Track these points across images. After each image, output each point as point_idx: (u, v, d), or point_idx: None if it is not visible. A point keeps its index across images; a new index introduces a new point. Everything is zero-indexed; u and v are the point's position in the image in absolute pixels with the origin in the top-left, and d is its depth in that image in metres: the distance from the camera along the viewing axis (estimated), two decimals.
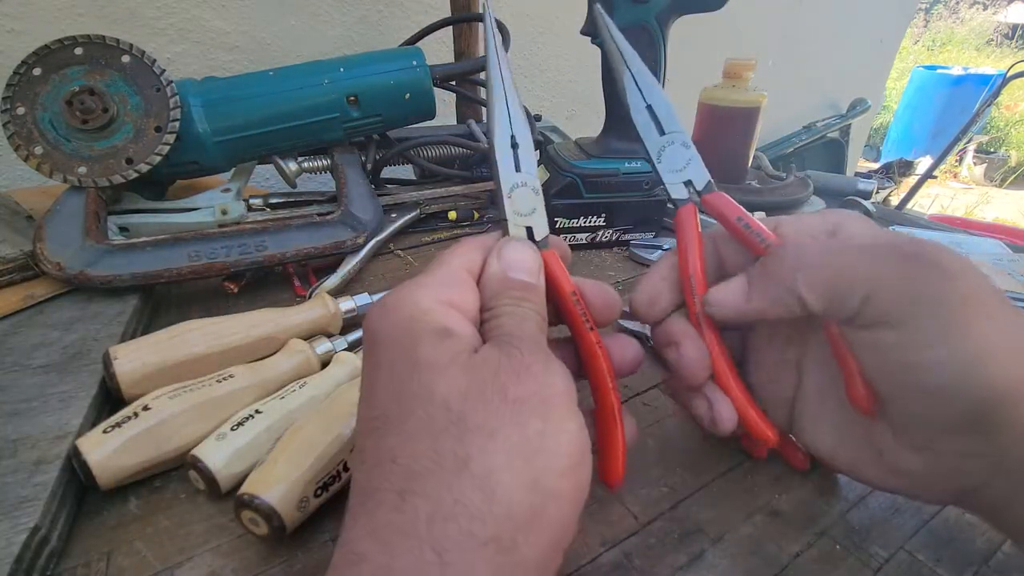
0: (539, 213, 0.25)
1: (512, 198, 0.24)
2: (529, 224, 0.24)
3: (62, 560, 0.25)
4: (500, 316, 0.21)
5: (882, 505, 0.29)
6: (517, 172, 0.25)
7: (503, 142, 0.25)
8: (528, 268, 0.23)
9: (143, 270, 0.41)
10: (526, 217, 0.24)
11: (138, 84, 0.45)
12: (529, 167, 0.25)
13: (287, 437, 0.27)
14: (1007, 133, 3.74)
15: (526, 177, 0.25)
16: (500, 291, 0.22)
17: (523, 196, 0.24)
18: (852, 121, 1.73)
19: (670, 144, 0.26)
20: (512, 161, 0.25)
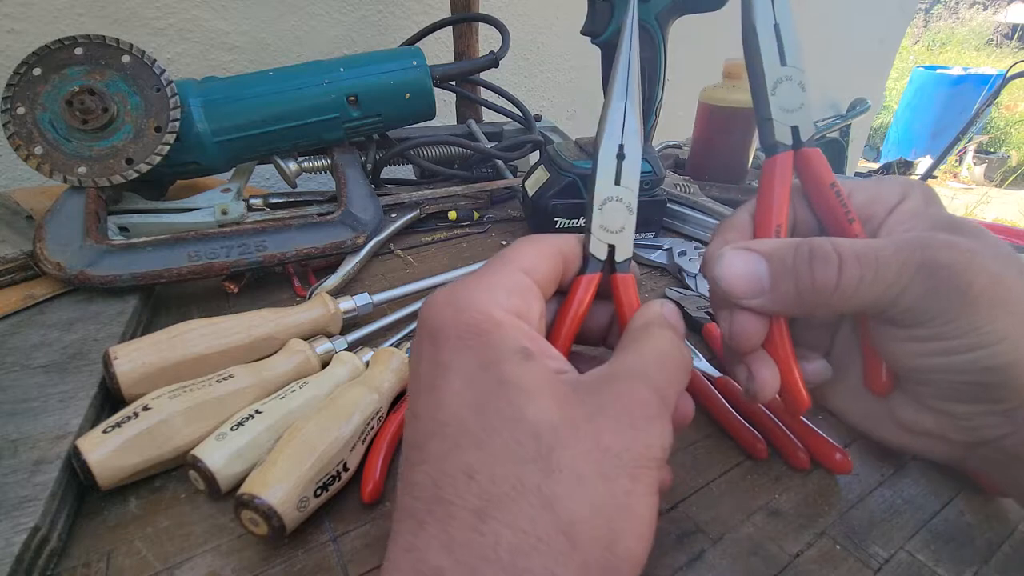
0: (627, 233, 0.23)
1: (603, 211, 0.23)
2: (614, 242, 0.23)
3: (62, 560, 0.25)
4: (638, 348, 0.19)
5: (882, 505, 0.29)
6: (616, 185, 0.23)
7: (609, 150, 0.23)
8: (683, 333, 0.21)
9: (143, 270, 0.41)
10: (613, 235, 0.23)
11: (138, 84, 0.45)
12: (631, 182, 0.23)
13: (287, 437, 0.27)
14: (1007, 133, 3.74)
15: (624, 192, 0.23)
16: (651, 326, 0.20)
17: (615, 211, 0.23)
18: (852, 121, 1.73)
19: (788, 79, 0.23)
20: (614, 172, 0.23)
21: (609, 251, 0.23)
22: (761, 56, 0.22)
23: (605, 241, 0.23)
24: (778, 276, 0.21)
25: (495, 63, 0.63)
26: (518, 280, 0.20)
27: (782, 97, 0.23)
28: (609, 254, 0.23)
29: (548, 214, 0.53)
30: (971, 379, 0.20)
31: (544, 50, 1.09)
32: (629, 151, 0.23)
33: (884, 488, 0.30)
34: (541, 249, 0.21)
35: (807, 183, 0.24)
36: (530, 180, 0.57)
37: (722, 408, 0.34)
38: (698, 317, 0.43)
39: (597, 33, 0.49)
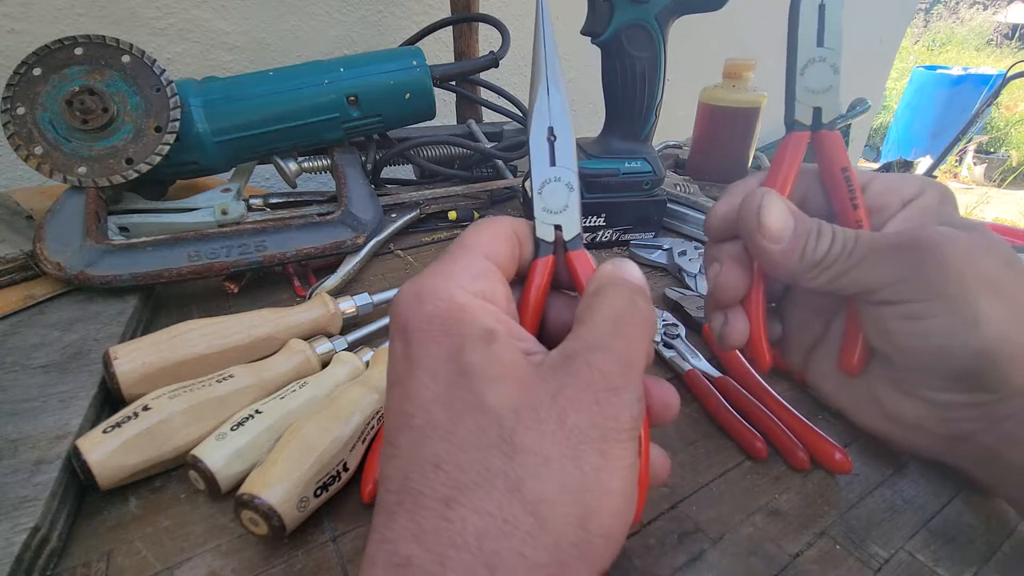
0: (571, 209, 0.23)
1: (543, 194, 0.23)
2: (558, 222, 0.23)
3: (62, 560, 0.25)
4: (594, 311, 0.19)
5: (882, 505, 0.29)
6: (552, 166, 0.23)
7: (539, 133, 0.23)
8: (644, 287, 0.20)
9: (143, 270, 0.41)
10: (556, 215, 0.23)
11: (138, 84, 0.45)
12: (566, 160, 0.23)
13: (287, 437, 0.27)
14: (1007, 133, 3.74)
15: (561, 171, 0.23)
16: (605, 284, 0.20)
17: (555, 191, 0.23)
18: (852, 121, 1.73)
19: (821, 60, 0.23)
20: (548, 154, 0.23)
21: (556, 232, 0.23)
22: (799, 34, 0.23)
23: (550, 223, 0.23)
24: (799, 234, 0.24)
25: (495, 63, 0.63)
26: (481, 264, 0.20)
27: (810, 78, 0.23)
28: (557, 235, 0.23)
29: None
30: (955, 364, 0.21)
31: None
32: (560, 131, 0.23)
33: (884, 488, 0.30)
34: (497, 232, 0.22)
35: (822, 165, 0.25)
36: (530, 180, 0.57)
37: (722, 408, 0.34)
38: (698, 317, 0.43)
39: (597, 33, 0.49)
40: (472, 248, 0.20)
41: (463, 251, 0.20)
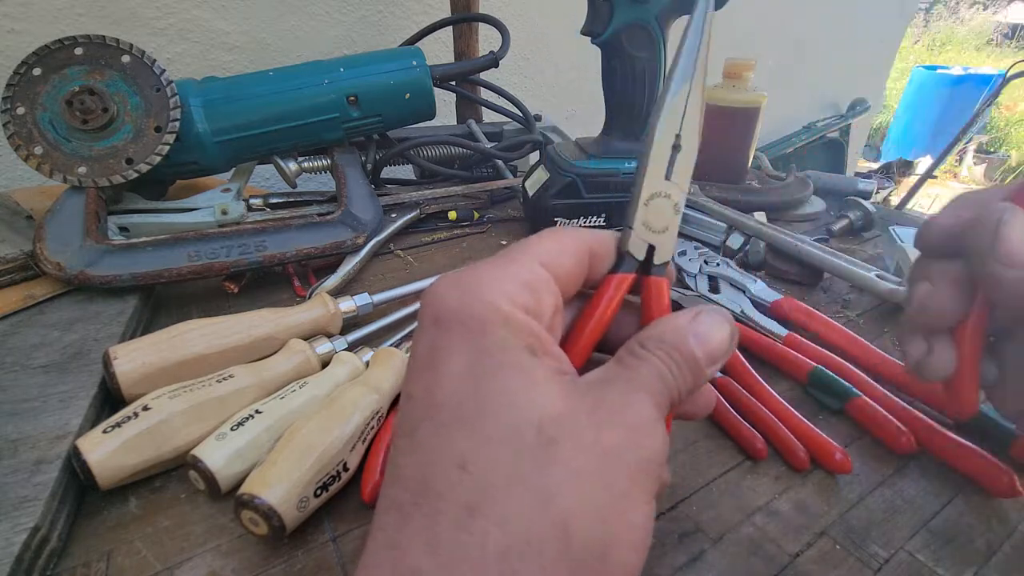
0: (670, 234, 0.21)
1: (649, 207, 0.21)
2: (655, 243, 0.21)
3: (62, 560, 0.25)
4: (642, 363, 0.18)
5: (882, 505, 0.29)
6: (666, 180, 0.21)
7: (665, 138, 0.20)
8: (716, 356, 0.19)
9: (143, 270, 0.41)
10: (656, 234, 0.21)
11: (138, 84, 0.45)
12: (683, 179, 0.21)
13: (287, 437, 0.27)
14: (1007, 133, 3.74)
15: (673, 189, 0.21)
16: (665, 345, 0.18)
17: (661, 209, 0.21)
18: (852, 121, 1.73)
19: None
20: (666, 165, 0.21)
21: (648, 251, 0.21)
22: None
23: (646, 240, 0.21)
24: None
25: (495, 63, 0.63)
26: (533, 272, 0.18)
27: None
28: (647, 254, 0.21)
29: (548, 214, 0.53)
30: None
31: (544, 50, 1.09)
32: (686, 143, 0.20)
33: (884, 488, 0.30)
34: (566, 242, 0.20)
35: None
36: (530, 180, 0.57)
37: (722, 408, 0.34)
38: None
39: (597, 33, 0.49)
40: (530, 253, 0.19)
41: (520, 253, 0.19)
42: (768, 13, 1.42)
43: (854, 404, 0.35)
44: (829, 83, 1.78)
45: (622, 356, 0.19)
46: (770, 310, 0.44)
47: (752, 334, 0.41)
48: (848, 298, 0.49)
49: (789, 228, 0.55)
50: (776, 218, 0.64)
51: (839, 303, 0.49)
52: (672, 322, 0.19)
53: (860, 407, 0.34)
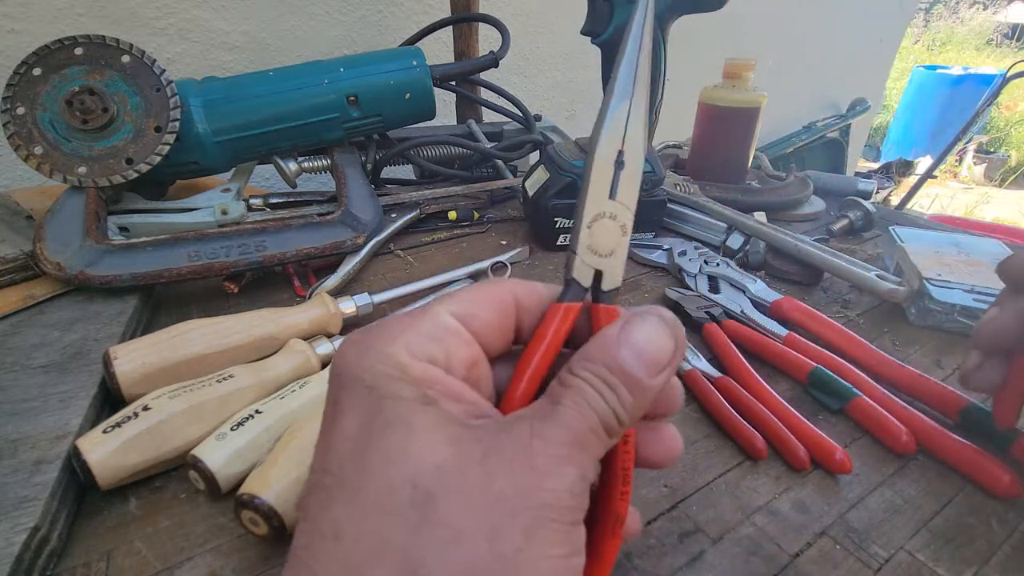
0: (618, 256, 0.19)
1: (592, 229, 0.19)
2: (601, 268, 0.19)
3: (62, 560, 0.25)
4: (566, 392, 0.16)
5: (882, 505, 0.29)
6: (610, 199, 0.19)
7: (605, 155, 0.19)
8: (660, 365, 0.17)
9: (143, 270, 0.41)
10: (601, 258, 0.19)
11: (138, 84, 0.45)
12: (629, 197, 0.19)
13: (287, 437, 0.27)
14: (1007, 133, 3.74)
15: (619, 209, 0.19)
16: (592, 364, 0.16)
17: (606, 231, 0.19)
18: (852, 121, 1.73)
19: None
20: (609, 183, 0.19)
21: (595, 277, 0.19)
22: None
23: (592, 265, 0.19)
24: None
25: (495, 63, 0.63)
26: (441, 322, 0.17)
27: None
28: (595, 281, 0.19)
29: (548, 214, 0.53)
30: None
31: (544, 50, 1.09)
32: (630, 159, 0.19)
33: (884, 488, 0.30)
34: (486, 294, 0.19)
35: None
36: (530, 180, 0.57)
37: (722, 408, 0.34)
38: (698, 317, 0.43)
39: (597, 33, 0.49)
40: (441, 305, 0.18)
41: (429, 307, 0.18)
42: (768, 13, 1.42)
43: (854, 404, 0.35)
44: (829, 83, 1.78)
45: (551, 388, 0.17)
46: (770, 310, 0.44)
47: (752, 334, 0.41)
48: (848, 298, 0.49)
49: (789, 228, 0.55)
50: (776, 218, 0.64)
51: (839, 303, 0.49)
52: (600, 337, 0.17)
53: (860, 407, 0.34)
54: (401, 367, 0.16)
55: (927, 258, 0.48)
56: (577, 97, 1.18)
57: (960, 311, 0.43)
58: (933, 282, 0.45)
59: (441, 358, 0.17)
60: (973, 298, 0.43)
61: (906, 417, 0.33)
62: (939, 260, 0.48)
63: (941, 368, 0.41)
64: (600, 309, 0.19)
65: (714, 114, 0.68)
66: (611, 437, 0.16)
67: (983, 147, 3.52)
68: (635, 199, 0.19)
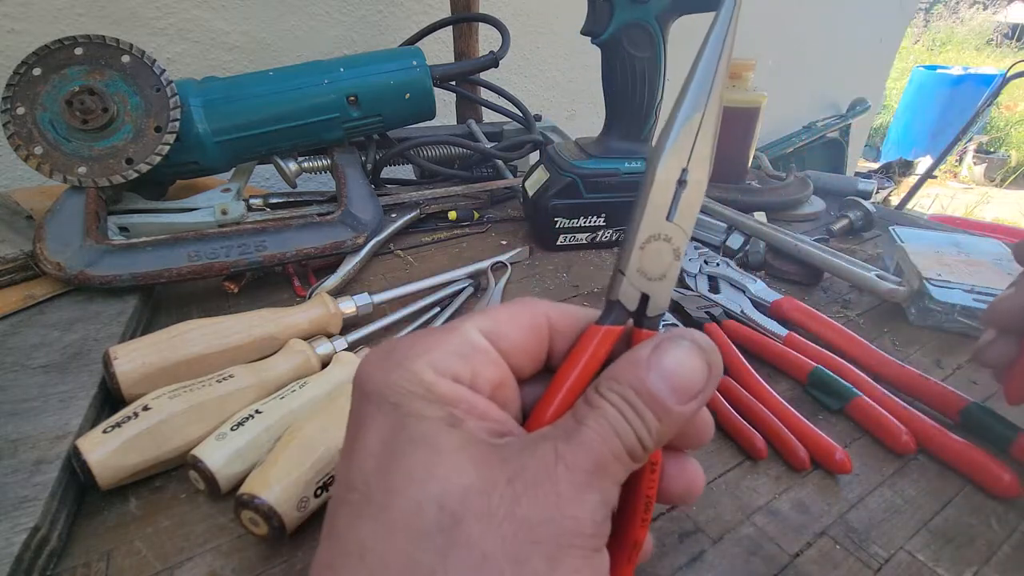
0: (668, 282, 0.18)
1: (645, 251, 0.18)
2: (650, 292, 0.18)
3: (62, 560, 0.25)
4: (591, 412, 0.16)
5: (882, 505, 0.29)
6: (667, 221, 0.18)
7: (668, 173, 0.17)
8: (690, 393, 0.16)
9: (143, 270, 0.41)
10: (651, 282, 0.18)
11: (138, 84, 0.45)
12: (687, 220, 0.18)
13: (287, 437, 0.27)
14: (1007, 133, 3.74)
15: (675, 231, 0.18)
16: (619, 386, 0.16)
17: (659, 254, 0.18)
18: (852, 121, 1.73)
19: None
20: (668, 203, 0.18)
21: (641, 301, 0.18)
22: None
23: (639, 288, 0.18)
24: None
25: (495, 63, 0.63)
26: (469, 341, 0.17)
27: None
28: (640, 305, 0.18)
29: (548, 214, 0.53)
30: None
31: (544, 50, 1.09)
32: (693, 179, 0.18)
33: (884, 488, 0.30)
34: (517, 313, 0.18)
35: None
36: (530, 180, 0.57)
37: (722, 408, 0.34)
38: (698, 317, 0.43)
39: (597, 33, 0.49)
40: (470, 322, 0.18)
41: (459, 323, 0.18)
42: (768, 13, 1.42)
43: (854, 404, 0.35)
44: (829, 83, 1.78)
45: (577, 406, 0.16)
46: (770, 310, 0.44)
47: (752, 334, 0.41)
48: (848, 298, 0.49)
49: (789, 228, 0.55)
50: (776, 218, 0.64)
51: (839, 303, 0.49)
52: (629, 357, 0.17)
53: (860, 407, 0.34)
54: (426, 385, 0.16)
55: (927, 258, 0.48)
56: (577, 97, 1.18)
57: (960, 311, 0.43)
58: (933, 282, 0.45)
59: (467, 376, 0.16)
60: (973, 298, 0.43)
61: (906, 417, 0.33)
62: (939, 260, 0.48)
63: (941, 368, 0.41)
64: (643, 335, 0.18)
65: None
66: (635, 462, 0.16)
67: (983, 147, 3.52)
68: (693, 222, 0.18)
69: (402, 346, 0.17)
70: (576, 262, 0.54)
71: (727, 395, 0.35)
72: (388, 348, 0.17)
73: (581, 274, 0.52)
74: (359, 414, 0.16)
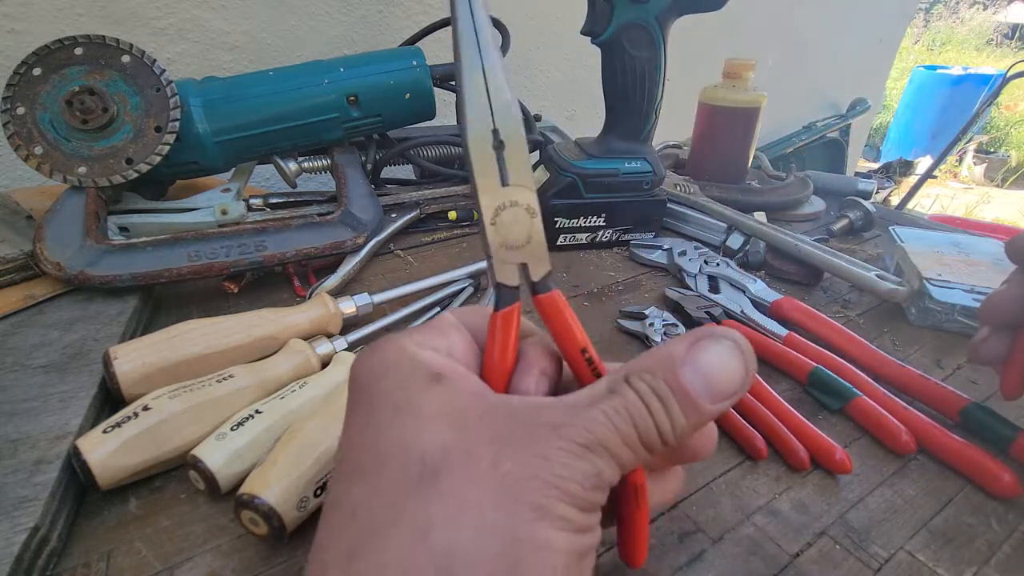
0: (536, 242, 0.18)
1: (498, 225, 0.17)
2: (523, 260, 0.18)
3: (62, 560, 0.25)
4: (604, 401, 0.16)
5: (882, 505, 0.29)
6: (504, 187, 0.17)
7: (480, 141, 0.17)
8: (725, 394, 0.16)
9: (143, 270, 0.41)
10: (517, 251, 0.18)
11: (138, 84, 0.45)
12: (521, 175, 0.17)
13: (287, 437, 0.27)
14: (1007, 133, 3.74)
15: (516, 193, 0.17)
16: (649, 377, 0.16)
17: (513, 219, 0.18)
18: (852, 121, 1.73)
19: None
20: (496, 169, 0.17)
21: (522, 271, 0.18)
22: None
23: (512, 261, 0.18)
24: None
25: None
26: (444, 320, 0.19)
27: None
28: (523, 275, 0.18)
29: (548, 214, 0.53)
30: None
31: (544, 50, 1.09)
32: (508, 133, 0.17)
33: (884, 488, 0.30)
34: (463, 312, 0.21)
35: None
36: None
37: None
38: (698, 317, 0.43)
39: (597, 33, 0.49)
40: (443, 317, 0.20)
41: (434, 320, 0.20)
42: (768, 13, 1.42)
43: (854, 404, 0.35)
44: (829, 83, 1.78)
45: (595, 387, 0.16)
46: (770, 310, 0.44)
47: (752, 334, 0.41)
48: (848, 298, 0.49)
49: (789, 228, 0.55)
50: (776, 218, 0.64)
51: (839, 303, 0.49)
52: (664, 349, 0.16)
53: (860, 407, 0.34)
54: (409, 354, 0.17)
55: (927, 258, 0.48)
56: (577, 97, 1.18)
57: (960, 311, 0.43)
58: (933, 282, 0.45)
59: (444, 348, 0.18)
60: (973, 298, 0.43)
61: (906, 417, 0.33)
62: (939, 260, 0.48)
63: (941, 368, 0.41)
64: (543, 300, 0.18)
65: (714, 114, 0.68)
66: (649, 452, 0.16)
67: (983, 147, 3.52)
68: (530, 175, 0.18)
69: (387, 336, 0.19)
70: (576, 262, 0.54)
71: None
72: (375, 342, 0.19)
73: (581, 274, 0.52)
74: (350, 399, 0.18)
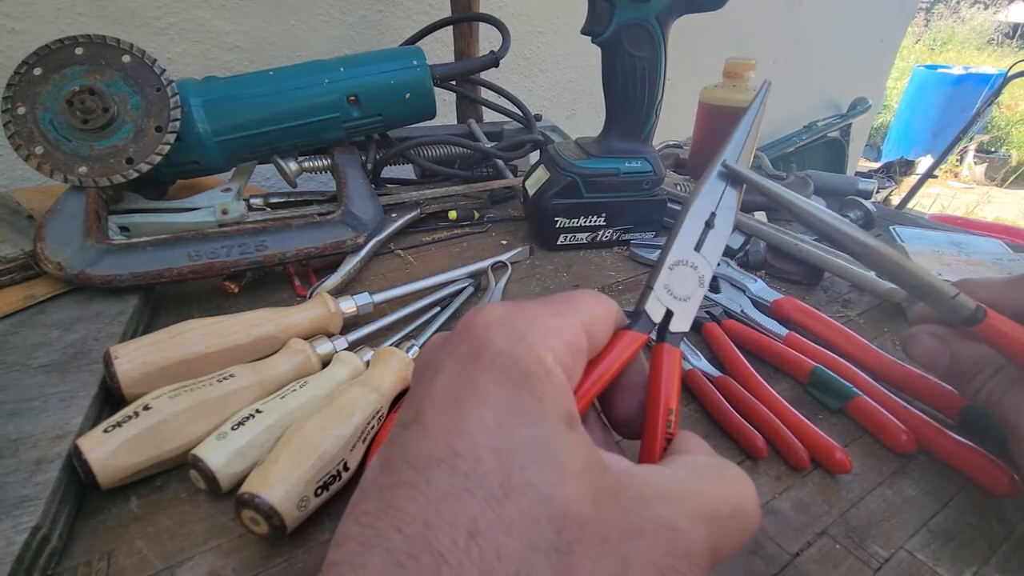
0: (692, 304, 0.21)
1: (672, 272, 0.21)
2: (673, 308, 0.21)
3: (63, 559, 0.25)
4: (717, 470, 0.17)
5: (882, 505, 0.29)
6: (695, 251, 0.21)
7: (699, 213, 0.22)
8: None
9: (143, 270, 0.41)
10: (676, 301, 0.21)
11: (138, 84, 0.45)
12: (712, 254, 0.21)
13: (287, 436, 0.27)
14: (1008, 133, 3.74)
15: (701, 261, 0.21)
16: None
17: (685, 277, 0.21)
18: (852, 121, 1.73)
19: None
20: (696, 236, 0.22)
21: (665, 316, 0.21)
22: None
23: (665, 304, 0.21)
24: None
25: (495, 63, 0.63)
26: (578, 335, 0.18)
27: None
28: (664, 319, 0.21)
29: (548, 214, 0.53)
30: None
31: (544, 50, 1.09)
32: (720, 223, 0.22)
33: (884, 488, 0.30)
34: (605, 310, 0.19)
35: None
36: (530, 180, 0.57)
37: (722, 407, 0.34)
38: (698, 316, 0.43)
39: (597, 33, 0.49)
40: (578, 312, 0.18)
41: (569, 309, 0.18)
42: (768, 13, 1.42)
43: (854, 404, 0.35)
44: (829, 83, 1.78)
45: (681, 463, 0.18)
46: (770, 310, 0.44)
47: (752, 333, 0.41)
48: (848, 298, 0.49)
49: (789, 228, 0.55)
50: (776, 218, 0.64)
51: (839, 303, 0.49)
52: None
53: (860, 407, 0.34)
54: (548, 372, 0.16)
55: (927, 258, 0.48)
56: (577, 97, 1.18)
57: None
58: None
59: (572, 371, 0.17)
60: None
61: (906, 417, 0.33)
62: (939, 260, 0.48)
63: None
64: (664, 348, 0.20)
65: (714, 114, 0.68)
66: None
67: (984, 147, 3.52)
68: (718, 257, 0.22)
69: (522, 319, 0.16)
70: (577, 262, 0.54)
71: (727, 394, 0.35)
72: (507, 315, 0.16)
73: (582, 274, 0.52)
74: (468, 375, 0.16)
